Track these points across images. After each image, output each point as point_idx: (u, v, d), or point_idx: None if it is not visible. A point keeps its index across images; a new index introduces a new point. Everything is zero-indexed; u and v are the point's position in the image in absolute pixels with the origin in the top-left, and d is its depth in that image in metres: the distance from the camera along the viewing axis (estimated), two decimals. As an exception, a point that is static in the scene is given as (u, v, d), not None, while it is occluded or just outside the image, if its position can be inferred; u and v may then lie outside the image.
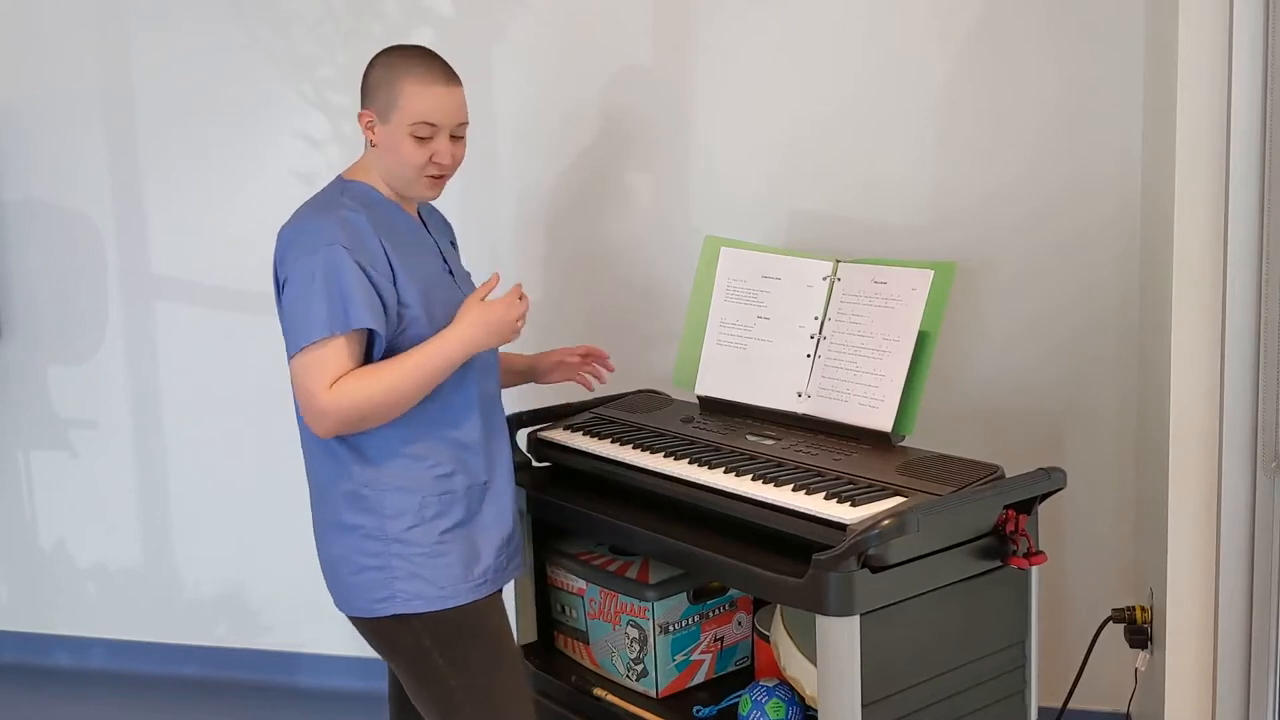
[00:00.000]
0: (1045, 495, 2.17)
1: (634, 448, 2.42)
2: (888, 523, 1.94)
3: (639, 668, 2.47)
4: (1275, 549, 2.19)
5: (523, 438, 2.62)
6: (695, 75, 3.08)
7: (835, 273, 2.44)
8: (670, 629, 2.44)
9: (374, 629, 2.14)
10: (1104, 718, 2.97)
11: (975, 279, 2.91)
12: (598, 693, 2.50)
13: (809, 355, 2.43)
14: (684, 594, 2.45)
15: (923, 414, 2.32)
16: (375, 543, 2.10)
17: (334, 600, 2.17)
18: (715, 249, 2.62)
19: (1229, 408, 2.25)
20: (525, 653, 2.65)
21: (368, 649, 2.22)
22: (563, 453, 2.55)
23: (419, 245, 2.16)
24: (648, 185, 3.16)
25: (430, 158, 2.09)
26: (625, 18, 3.11)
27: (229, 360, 3.50)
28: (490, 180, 3.26)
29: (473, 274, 2.38)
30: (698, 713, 2.40)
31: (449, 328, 2.09)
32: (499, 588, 2.20)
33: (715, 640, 2.51)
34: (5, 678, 3.76)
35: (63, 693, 3.67)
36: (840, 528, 2.00)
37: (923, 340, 2.28)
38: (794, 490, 2.12)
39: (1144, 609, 2.62)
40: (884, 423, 2.28)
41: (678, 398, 2.70)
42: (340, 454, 2.10)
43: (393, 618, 2.10)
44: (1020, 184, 2.88)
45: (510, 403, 2.39)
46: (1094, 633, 2.73)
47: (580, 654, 2.61)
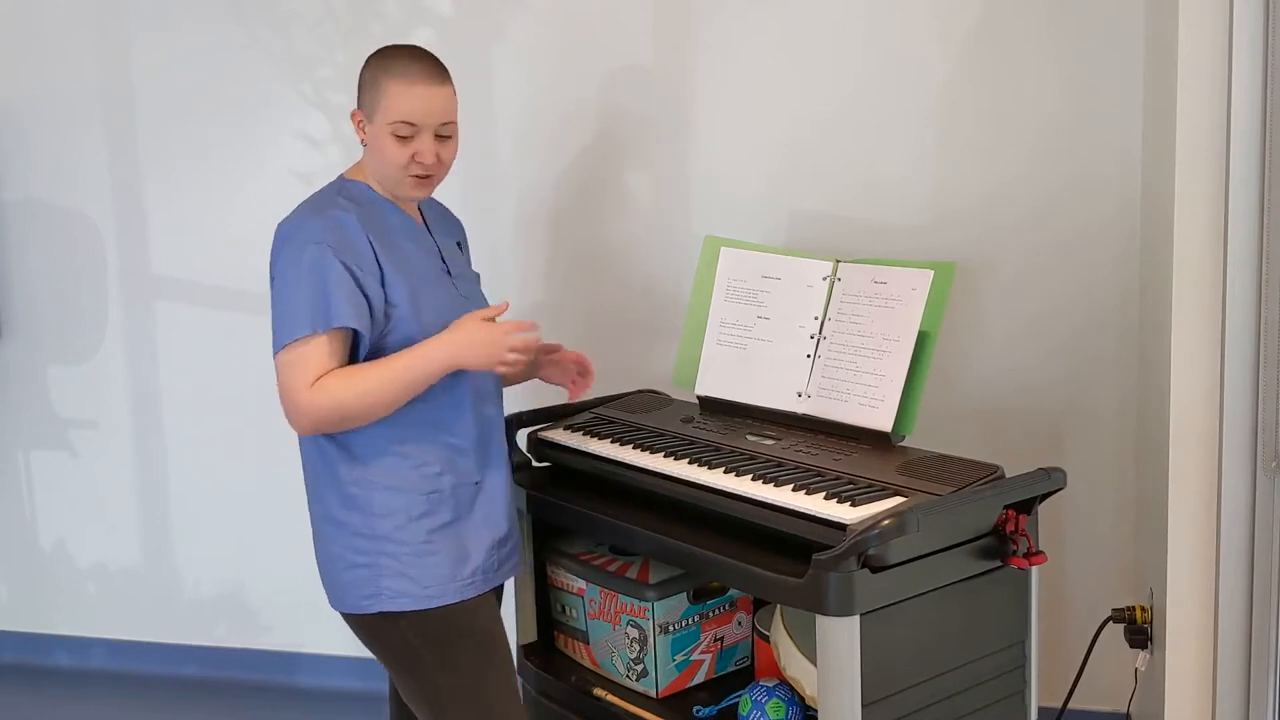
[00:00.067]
0: (1045, 495, 2.17)
1: (634, 448, 2.42)
2: (888, 523, 1.94)
3: (639, 668, 2.47)
4: (1275, 549, 2.19)
5: (523, 438, 2.62)
6: (695, 75, 3.08)
7: (835, 273, 2.44)
8: (670, 629, 2.44)
9: (363, 626, 2.15)
10: (1104, 718, 2.97)
11: (975, 279, 2.91)
12: (598, 693, 2.50)
13: (809, 355, 2.43)
14: (684, 594, 2.45)
15: (923, 414, 2.32)
16: (364, 540, 2.10)
17: (327, 597, 2.18)
18: (715, 249, 2.62)
19: (1229, 408, 2.25)
20: (525, 653, 2.65)
21: (367, 649, 2.23)
22: (563, 453, 2.55)
23: (414, 244, 2.16)
24: (648, 185, 3.16)
25: (413, 157, 2.08)
26: (625, 18, 3.11)
27: (229, 360, 3.50)
28: (490, 180, 3.25)
29: (480, 276, 2.38)
30: (698, 713, 2.40)
31: (437, 336, 2.07)
32: (490, 588, 2.19)
33: (715, 640, 2.51)
34: (5, 678, 3.75)
35: (63, 693, 3.66)
36: (840, 528, 2.00)
37: (923, 340, 2.28)
38: (794, 490, 2.12)
39: (1144, 609, 2.62)
40: (884, 423, 2.28)
41: (678, 398, 2.70)
42: (330, 452, 2.11)
43: (381, 615, 2.11)
44: (1020, 184, 2.88)
45: (510, 403, 2.39)
46: (1094, 633, 2.73)
47: (580, 654, 2.61)
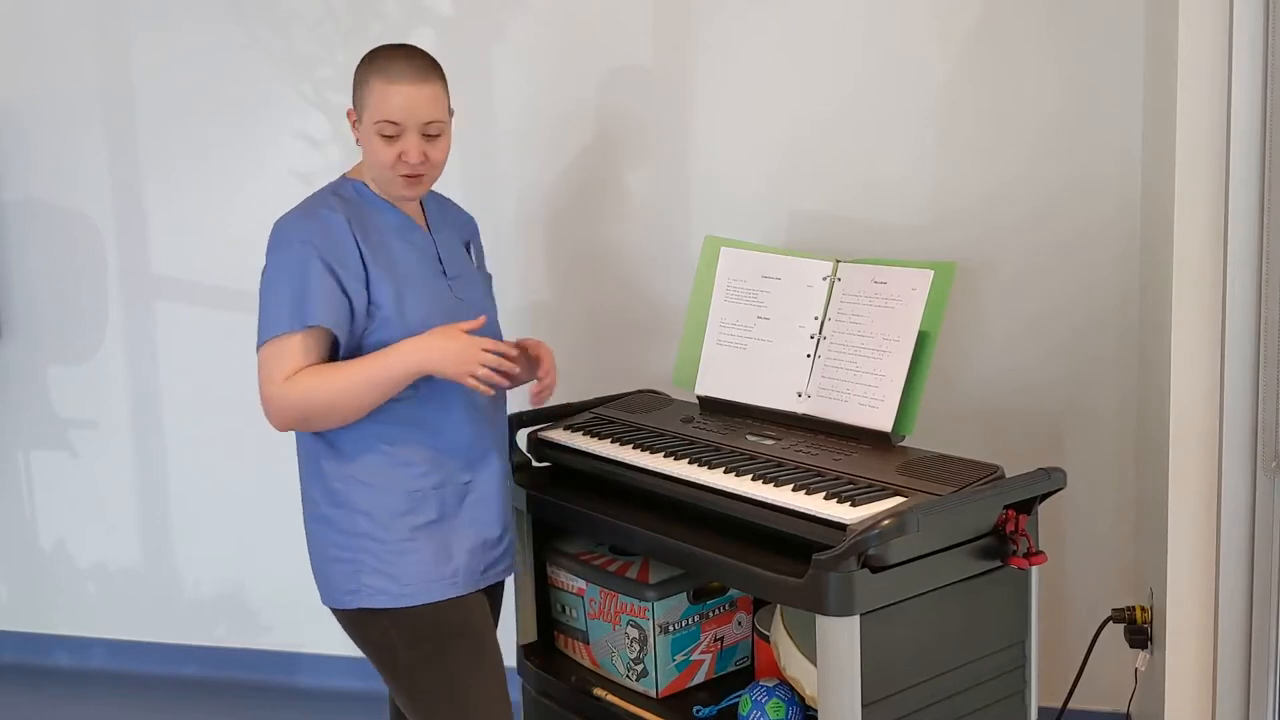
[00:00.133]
0: (1045, 495, 2.17)
1: (634, 448, 2.42)
2: (888, 523, 1.93)
3: (639, 668, 2.47)
4: (1275, 549, 2.19)
5: (523, 438, 2.62)
6: (695, 75, 3.08)
7: (835, 273, 2.44)
8: (670, 629, 2.44)
9: (347, 620, 2.16)
10: (1104, 718, 2.97)
11: (975, 279, 2.91)
12: (598, 693, 2.50)
13: (809, 355, 2.43)
14: (684, 594, 2.45)
15: (923, 414, 2.32)
16: (345, 536, 2.12)
17: (318, 591, 2.19)
18: (715, 249, 2.62)
19: (1229, 408, 2.25)
20: (525, 653, 2.65)
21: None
22: (562, 452, 2.55)
23: (407, 244, 2.16)
24: (648, 185, 3.16)
25: (399, 156, 2.09)
26: (625, 18, 3.11)
27: (229, 360, 3.49)
28: (490, 180, 3.25)
29: (492, 278, 2.39)
30: (698, 713, 2.40)
31: (414, 338, 2.07)
32: (476, 589, 2.19)
33: (715, 640, 2.51)
34: (5, 678, 3.75)
35: (63, 693, 3.66)
36: (840, 528, 2.00)
37: (923, 340, 2.28)
38: (794, 490, 2.12)
39: (1144, 609, 2.62)
40: (884, 423, 2.28)
41: (678, 398, 2.70)
42: (317, 449, 2.13)
43: (363, 611, 2.12)
44: (1020, 184, 2.88)
45: (510, 403, 2.39)
46: (1094, 633, 2.73)
47: (580, 654, 2.61)
